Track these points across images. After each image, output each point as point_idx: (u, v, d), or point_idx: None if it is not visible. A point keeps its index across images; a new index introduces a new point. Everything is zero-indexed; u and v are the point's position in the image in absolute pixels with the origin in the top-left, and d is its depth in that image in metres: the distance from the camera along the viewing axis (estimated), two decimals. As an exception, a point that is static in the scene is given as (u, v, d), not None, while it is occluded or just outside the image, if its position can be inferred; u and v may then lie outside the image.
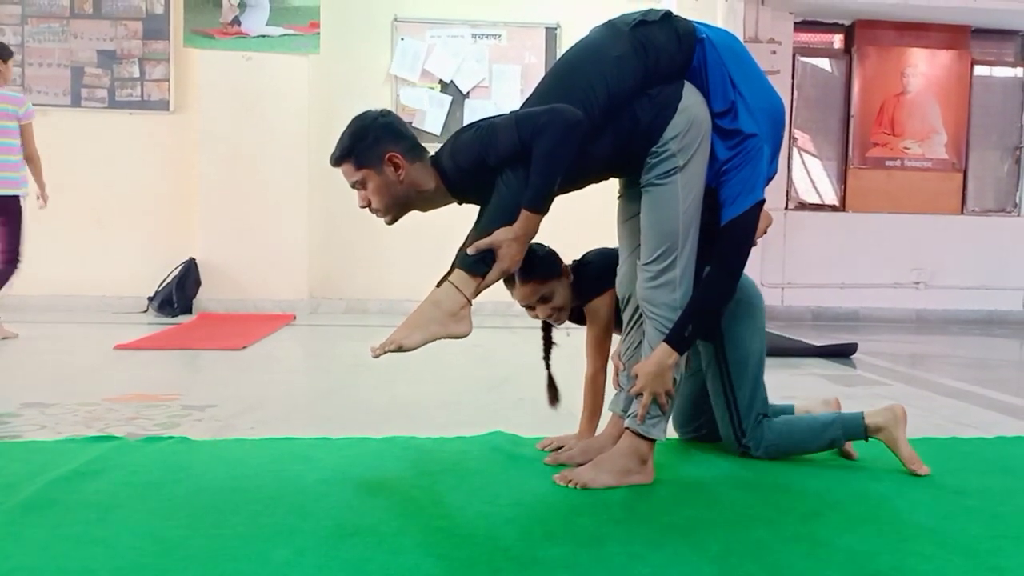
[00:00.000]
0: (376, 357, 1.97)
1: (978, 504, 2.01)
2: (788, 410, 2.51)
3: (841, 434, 2.32)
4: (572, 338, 2.57)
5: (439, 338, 1.98)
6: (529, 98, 2.11)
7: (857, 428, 2.31)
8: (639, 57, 2.03)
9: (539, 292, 2.31)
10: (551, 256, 2.34)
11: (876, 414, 2.32)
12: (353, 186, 2.12)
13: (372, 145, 2.06)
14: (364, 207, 2.14)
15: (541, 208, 1.97)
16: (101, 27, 6.47)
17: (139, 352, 4.38)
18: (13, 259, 4.91)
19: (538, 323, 2.47)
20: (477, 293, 2.01)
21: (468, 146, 2.04)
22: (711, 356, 2.31)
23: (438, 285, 2.02)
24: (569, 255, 2.44)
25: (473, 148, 2.02)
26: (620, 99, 2.03)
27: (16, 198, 4.85)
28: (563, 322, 2.42)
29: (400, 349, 1.96)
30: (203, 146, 6.38)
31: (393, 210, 2.13)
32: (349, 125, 2.11)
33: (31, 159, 4.86)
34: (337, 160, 2.10)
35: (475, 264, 1.98)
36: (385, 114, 2.13)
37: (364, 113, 2.12)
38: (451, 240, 2.03)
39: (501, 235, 1.96)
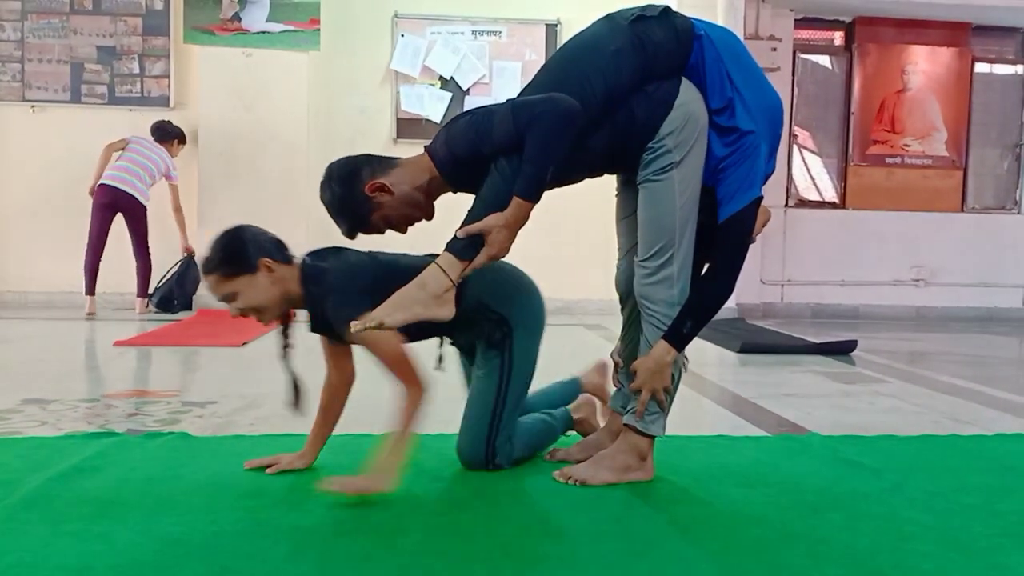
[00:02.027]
0: (355, 332, 1.97)
1: (978, 502, 2.02)
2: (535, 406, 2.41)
3: (562, 429, 2.41)
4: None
5: (421, 319, 1.97)
6: (525, 89, 2.10)
7: (569, 422, 2.43)
8: (637, 52, 2.03)
9: (221, 290, 2.02)
10: (242, 247, 2.03)
11: (577, 409, 2.46)
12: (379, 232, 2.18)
13: (358, 202, 2.10)
14: (406, 232, 2.18)
15: (532, 196, 1.96)
16: (101, 23, 6.46)
17: (139, 348, 4.38)
18: (147, 256, 6.10)
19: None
20: (462, 277, 2.00)
21: (463, 134, 2.03)
22: (493, 366, 2.18)
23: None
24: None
25: (468, 136, 2.02)
26: (617, 94, 2.02)
27: (143, 206, 5.99)
28: (269, 323, 2.15)
29: (381, 326, 1.95)
30: (203, 142, 6.37)
31: (415, 213, 2.13)
32: (329, 208, 2.19)
33: (177, 210, 6.15)
34: (350, 234, 2.19)
35: (463, 248, 1.97)
36: (331, 180, 2.17)
37: (325, 194, 2.20)
38: (451, 235, 2.03)
39: (492, 221, 1.95)
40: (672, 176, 2.03)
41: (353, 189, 2.10)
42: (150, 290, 6.36)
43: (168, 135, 6.15)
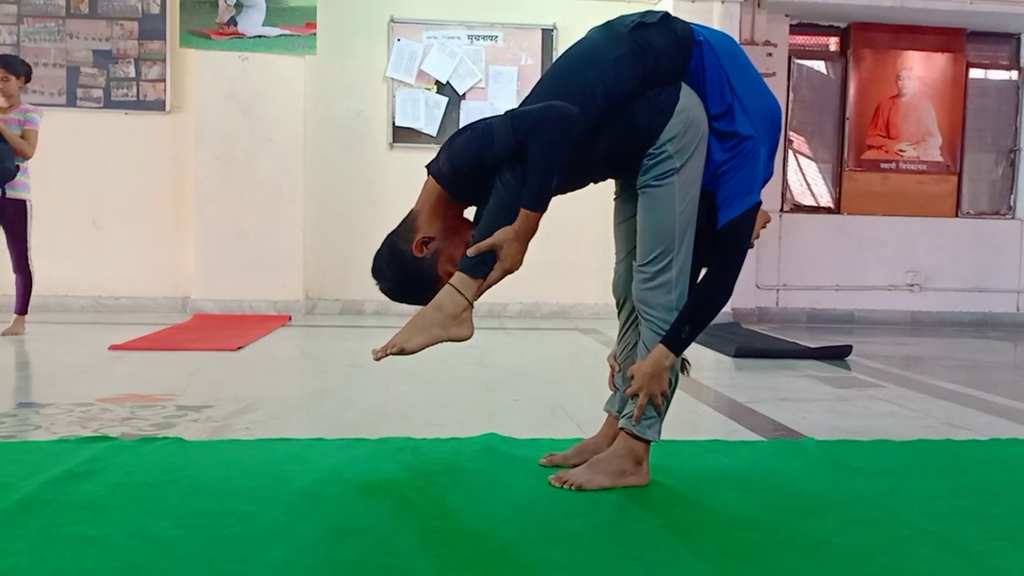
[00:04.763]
0: (378, 360, 1.97)
1: (973, 505, 2.02)
2: None
3: None
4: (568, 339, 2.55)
5: (441, 341, 1.98)
6: (527, 98, 2.11)
7: None
8: (637, 59, 2.03)
9: None
10: None
11: None
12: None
13: (418, 268, 2.06)
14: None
15: (539, 206, 1.97)
16: (97, 27, 6.46)
17: (134, 352, 4.37)
18: (26, 266, 4.99)
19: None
20: (479, 295, 2.01)
21: (465, 149, 2.03)
22: None
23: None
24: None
25: (470, 150, 2.02)
26: (618, 100, 2.03)
27: (24, 202, 4.96)
28: None
29: (402, 352, 1.96)
30: (199, 146, 6.37)
31: (463, 234, 2.09)
32: (399, 295, 2.11)
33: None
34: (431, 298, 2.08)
35: (476, 266, 1.98)
36: (383, 275, 2.11)
37: (386, 285, 2.12)
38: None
39: (501, 235, 1.96)
40: (672, 182, 2.04)
41: (406, 262, 2.07)
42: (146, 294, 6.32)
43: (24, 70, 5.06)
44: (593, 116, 2.00)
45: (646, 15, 2.11)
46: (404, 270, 2.08)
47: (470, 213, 2.12)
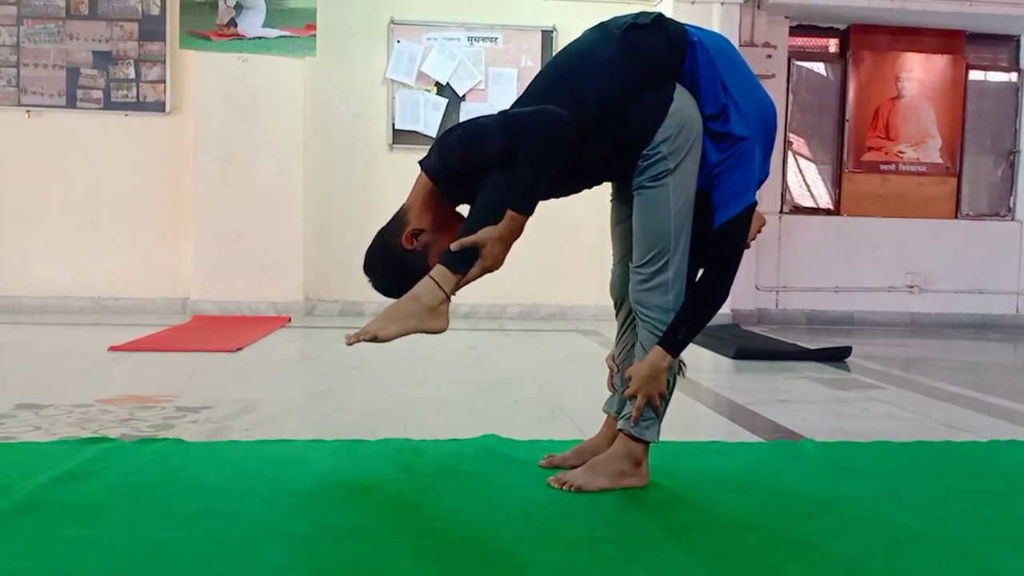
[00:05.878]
0: (350, 345, 1.97)
1: (972, 508, 2.02)
2: None
3: None
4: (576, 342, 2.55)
5: (415, 332, 1.98)
6: (519, 100, 2.11)
7: None
8: (629, 60, 2.03)
9: None
10: None
11: None
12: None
13: (407, 261, 2.06)
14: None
15: (526, 209, 1.97)
16: (97, 28, 6.46)
17: (133, 354, 4.37)
18: None
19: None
20: (456, 290, 2.01)
21: (456, 147, 2.03)
22: None
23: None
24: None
25: (461, 149, 2.02)
26: (611, 102, 2.03)
27: None
28: None
29: (375, 339, 1.96)
30: (198, 147, 6.37)
31: (454, 228, 2.07)
32: (391, 290, 2.09)
33: None
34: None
35: (457, 261, 1.98)
36: (374, 271, 2.11)
37: (379, 282, 2.11)
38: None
39: (485, 234, 1.96)
40: (667, 183, 2.04)
41: (396, 256, 2.08)
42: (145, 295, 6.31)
43: None
44: (586, 118, 2.00)
45: (639, 16, 2.10)
46: (394, 263, 2.08)
47: (463, 209, 2.12)
